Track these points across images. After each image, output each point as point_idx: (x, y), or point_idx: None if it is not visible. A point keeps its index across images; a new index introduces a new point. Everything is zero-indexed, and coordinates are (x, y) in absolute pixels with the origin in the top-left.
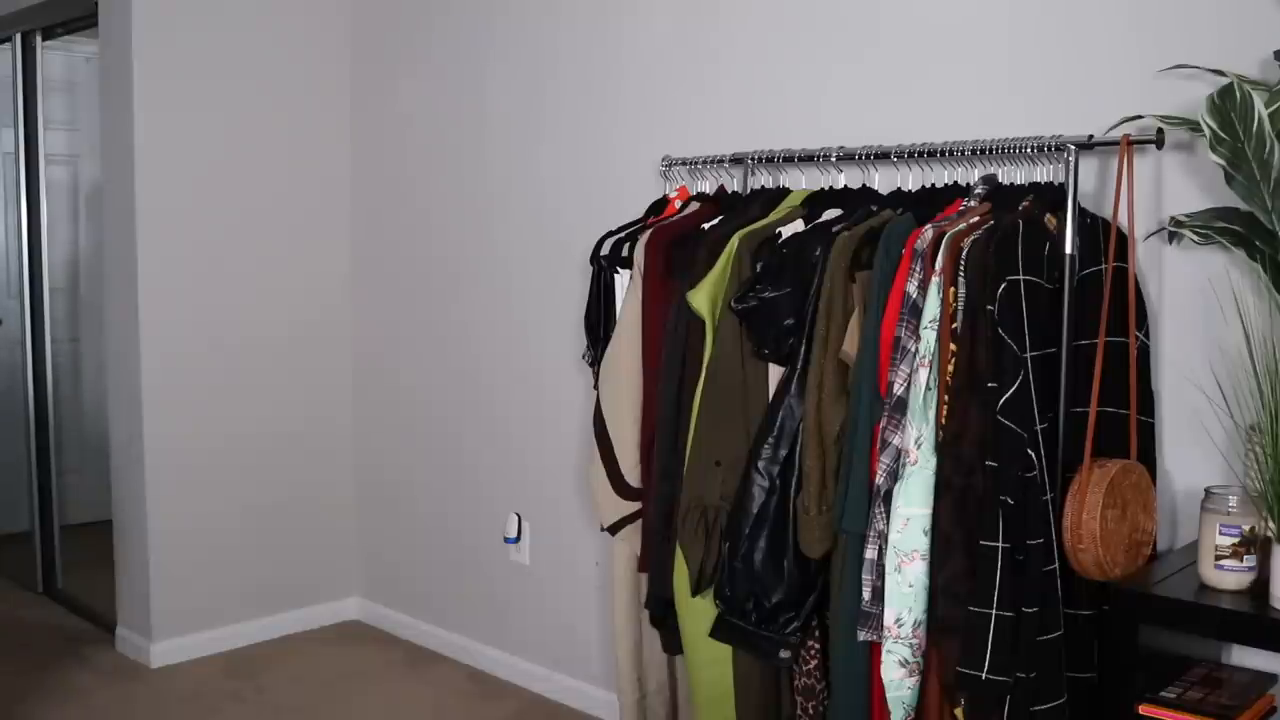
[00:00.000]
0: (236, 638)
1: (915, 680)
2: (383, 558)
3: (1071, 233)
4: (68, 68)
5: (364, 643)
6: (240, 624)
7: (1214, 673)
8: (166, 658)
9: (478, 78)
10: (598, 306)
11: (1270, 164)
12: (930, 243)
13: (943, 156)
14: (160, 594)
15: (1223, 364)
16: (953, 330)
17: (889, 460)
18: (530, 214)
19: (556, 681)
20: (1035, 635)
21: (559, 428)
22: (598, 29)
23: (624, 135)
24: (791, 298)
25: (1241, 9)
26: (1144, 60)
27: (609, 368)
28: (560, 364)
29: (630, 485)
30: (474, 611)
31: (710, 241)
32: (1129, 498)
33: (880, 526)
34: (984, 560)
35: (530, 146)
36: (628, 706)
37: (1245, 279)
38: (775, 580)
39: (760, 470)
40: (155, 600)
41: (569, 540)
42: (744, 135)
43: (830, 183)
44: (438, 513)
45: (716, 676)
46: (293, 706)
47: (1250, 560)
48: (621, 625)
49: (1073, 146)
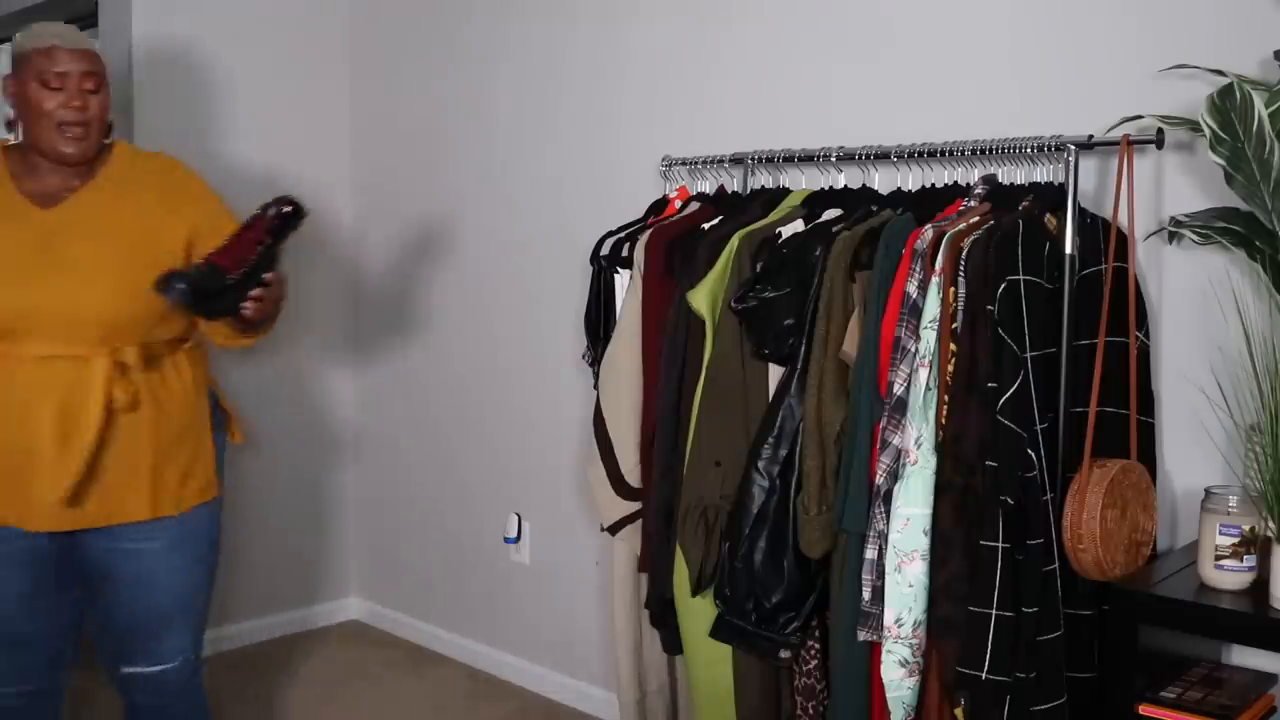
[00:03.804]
0: (236, 638)
1: (915, 680)
2: (383, 558)
3: (1071, 233)
4: None
5: (364, 643)
6: (240, 624)
7: (1214, 673)
8: None
9: (479, 78)
10: (597, 306)
11: (1270, 164)
12: (930, 243)
13: (943, 156)
14: None
15: (1223, 364)
16: (953, 330)
17: (889, 460)
18: (530, 214)
19: (556, 681)
20: (1035, 635)
21: (559, 428)
22: (599, 31)
23: (625, 135)
24: (791, 298)
25: (1241, 9)
26: (1144, 60)
27: (609, 368)
28: (560, 364)
29: (630, 485)
30: (474, 611)
31: (710, 241)
32: (1129, 498)
33: (880, 526)
34: (984, 560)
35: (531, 146)
36: (628, 706)
37: (1245, 279)
38: (775, 580)
39: (760, 470)
40: None
41: (569, 540)
42: (744, 135)
43: (830, 183)
44: (438, 513)
45: (716, 676)
46: (293, 706)
47: (1250, 560)
48: (621, 625)
49: (1073, 146)
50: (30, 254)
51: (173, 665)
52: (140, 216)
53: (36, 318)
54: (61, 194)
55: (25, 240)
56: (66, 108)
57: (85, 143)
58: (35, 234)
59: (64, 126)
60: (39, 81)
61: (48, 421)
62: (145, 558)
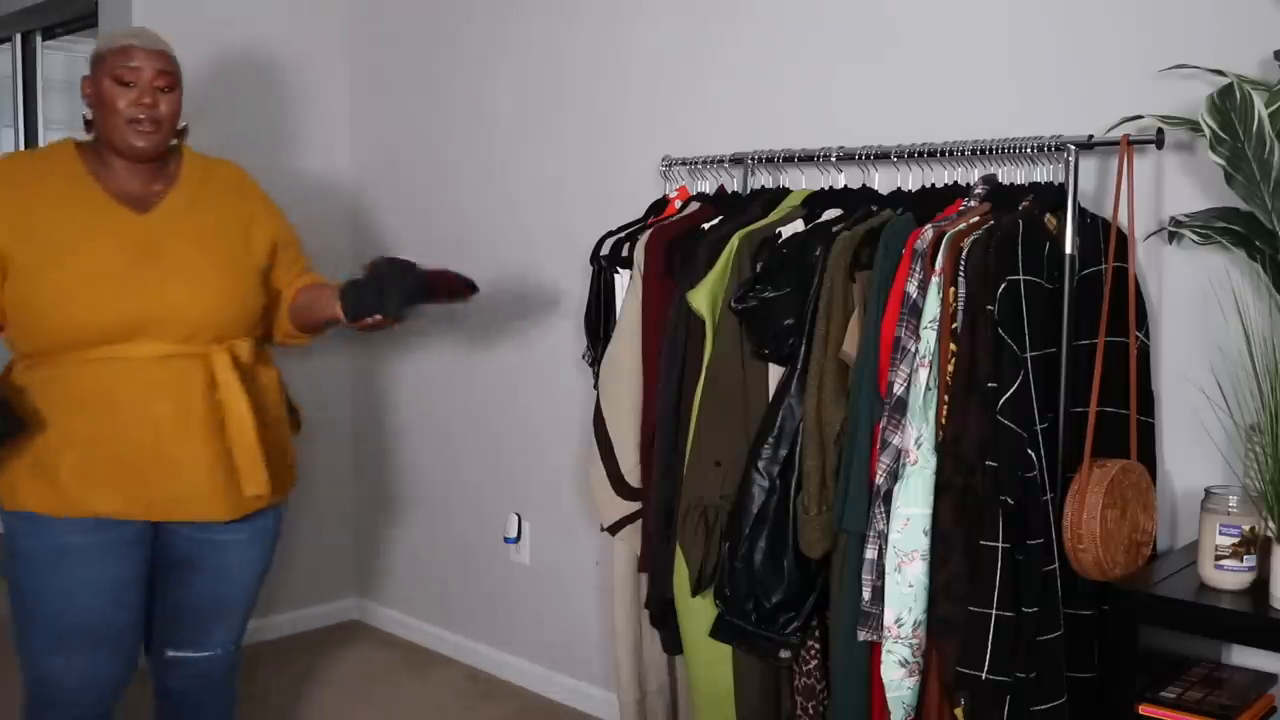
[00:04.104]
0: None
1: (915, 680)
2: (383, 558)
3: (1071, 233)
4: (68, 68)
5: (364, 643)
6: None
7: (1214, 673)
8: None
9: (479, 78)
10: (597, 306)
11: (1270, 164)
12: (930, 243)
13: (943, 156)
14: None
15: (1223, 364)
16: (953, 330)
17: (889, 460)
18: (530, 214)
19: (556, 681)
20: (1035, 635)
21: (559, 428)
22: (599, 31)
23: (625, 135)
24: (791, 298)
25: (1241, 9)
26: (1144, 60)
27: (609, 368)
28: (560, 364)
29: (630, 485)
30: (474, 611)
31: (710, 241)
32: (1129, 498)
33: (880, 526)
34: (984, 560)
35: (531, 146)
36: (627, 706)
37: (1245, 279)
38: (775, 580)
39: (760, 470)
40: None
41: (569, 540)
42: (744, 135)
43: (830, 183)
44: (437, 513)
45: (716, 676)
46: (293, 706)
47: (1250, 560)
48: (621, 625)
49: (1073, 146)
50: (136, 260)
51: (218, 653)
52: (230, 220)
53: (152, 324)
54: (151, 198)
55: (128, 246)
56: (138, 104)
57: (156, 137)
58: (137, 240)
59: (135, 123)
60: (113, 79)
61: (169, 416)
62: (230, 549)
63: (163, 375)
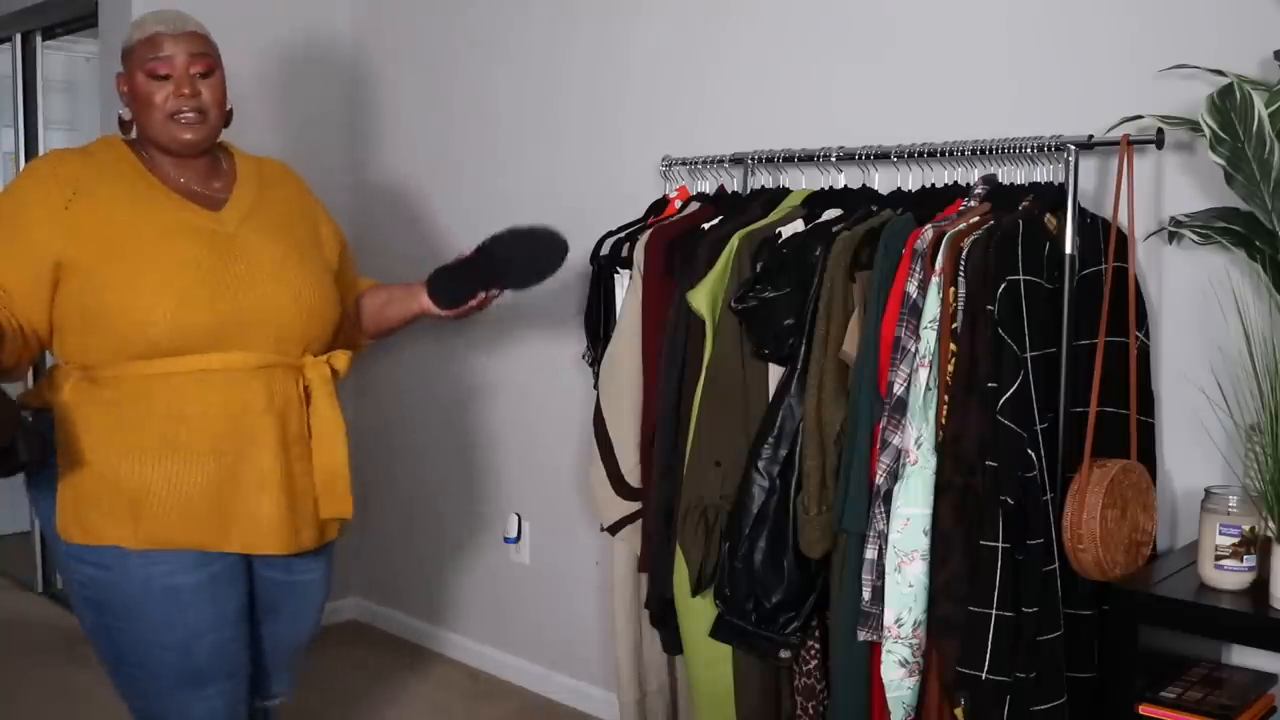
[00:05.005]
0: None
1: (915, 680)
2: (382, 558)
3: (1071, 233)
4: (68, 68)
5: (364, 643)
6: None
7: (1214, 673)
8: None
9: (479, 78)
10: (597, 306)
11: (1270, 164)
12: (930, 243)
13: (943, 156)
14: None
15: (1223, 364)
16: (953, 330)
17: (889, 460)
18: (530, 214)
19: (556, 681)
20: (1035, 635)
21: (559, 428)
22: (599, 31)
23: (625, 135)
24: (791, 298)
25: (1241, 9)
26: (1144, 60)
27: (609, 368)
28: (560, 364)
29: (630, 485)
30: (474, 611)
31: (710, 241)
32: (1129, 498)
33: (880, 526)
34: (984, 560)
35: (531, 146)
36: (627, 706)
37: (1245, 279)
38: (775, 580)
39: (760, 470)
40: None
41: (569, 540)
42: (744, 135)
43: (830, 183)
44: (438, 513)
45: (716, 676)
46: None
47: (1250, 560)
48: (621, 625)
49: (1073, 146)
50: (220, 261)
51: (276, 702)
52: (298, 218)
53: (243, 328)
54: (216, 195)
55: (212, 246)
56: (176, 97)
57: (204, 128)
58: (217, 239)
59: (178, 115)
60: (146, 73)
61: (265, 435)
62: (308, 590)
63: (255, 388)
